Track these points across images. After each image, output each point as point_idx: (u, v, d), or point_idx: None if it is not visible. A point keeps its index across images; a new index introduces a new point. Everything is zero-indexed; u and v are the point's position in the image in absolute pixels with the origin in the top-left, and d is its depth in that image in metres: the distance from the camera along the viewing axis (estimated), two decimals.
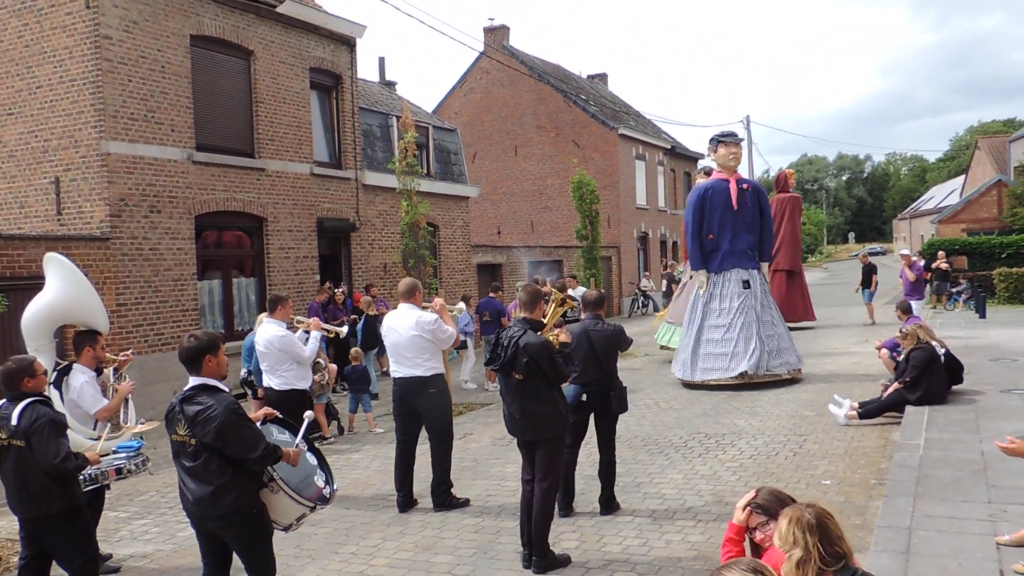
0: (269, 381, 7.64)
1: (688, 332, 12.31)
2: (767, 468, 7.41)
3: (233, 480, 3.99)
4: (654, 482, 7.22)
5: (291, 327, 7.80)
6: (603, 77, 39.11)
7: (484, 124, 32.03)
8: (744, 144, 15.13)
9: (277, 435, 4.70)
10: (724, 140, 12.56)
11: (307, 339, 7.75)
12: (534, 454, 5.39)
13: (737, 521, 3.38)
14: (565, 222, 28.30)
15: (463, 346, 13.95)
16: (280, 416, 4.80)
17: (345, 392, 12.45)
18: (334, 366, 11.38)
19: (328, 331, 8.49)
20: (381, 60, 22.30)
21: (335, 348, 14.18)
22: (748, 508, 3.35)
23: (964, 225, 34.94)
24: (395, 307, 7.36)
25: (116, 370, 6.37)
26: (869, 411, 8.86)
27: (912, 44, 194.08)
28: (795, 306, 18.31)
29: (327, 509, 6.95)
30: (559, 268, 25.94)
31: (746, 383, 11.53)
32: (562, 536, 5.92)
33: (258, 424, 4.53)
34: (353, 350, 11.62)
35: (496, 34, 32.13)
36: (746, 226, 12.25)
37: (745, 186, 12.43)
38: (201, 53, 13.10)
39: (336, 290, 14.74)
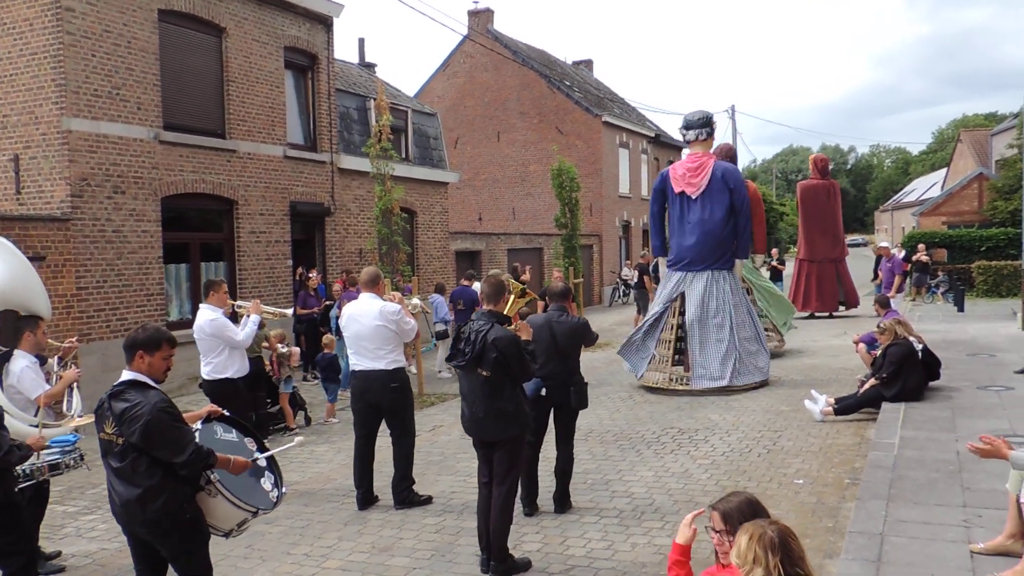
0: (202, 370, 7.42)
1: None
2: (739, 466, 7.23)
3: (163, 483, 3.72)
4: (623, 479, 7.03)
5: (232, 313, 7.55)
6: (588, 63, 38.76)
7: (467, 109, 31.64)
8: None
9: (222, 434, 4.43)
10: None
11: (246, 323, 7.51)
12: (492, 454, 5.15)
13: (684, 540, 3.14)
14: (547, 210, 28.02)
15: (443, 335, 13.70)
16: (226, 414, 4.53)
17: (317, 381, 12.20)
18: (297, 349, 11.11)
19: (271, 314, 8.21)
20: (361, 41, 21.88)
21: (307, 336, 13.89)
22: (694, 527, 3.12)
23: (945, 218, 35.02)
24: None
25: (60, 358, 6.08)
26: (845, 407, 8.71)
27: (904, 36, 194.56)
28: (812, 295, 18.41)
29: (283, 506, 6.73)
30: (539, 256, 25.71)
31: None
32: (524, 537, 5.71)
33: (199, 423, 4.26)
34: (325, 337, 11.35)
35: (480, 17, 31.70)
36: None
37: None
38: (170, 29, 12.67)
39: (309, 275, 14.44)
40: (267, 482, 4.44)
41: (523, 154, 30.79)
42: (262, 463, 4.45)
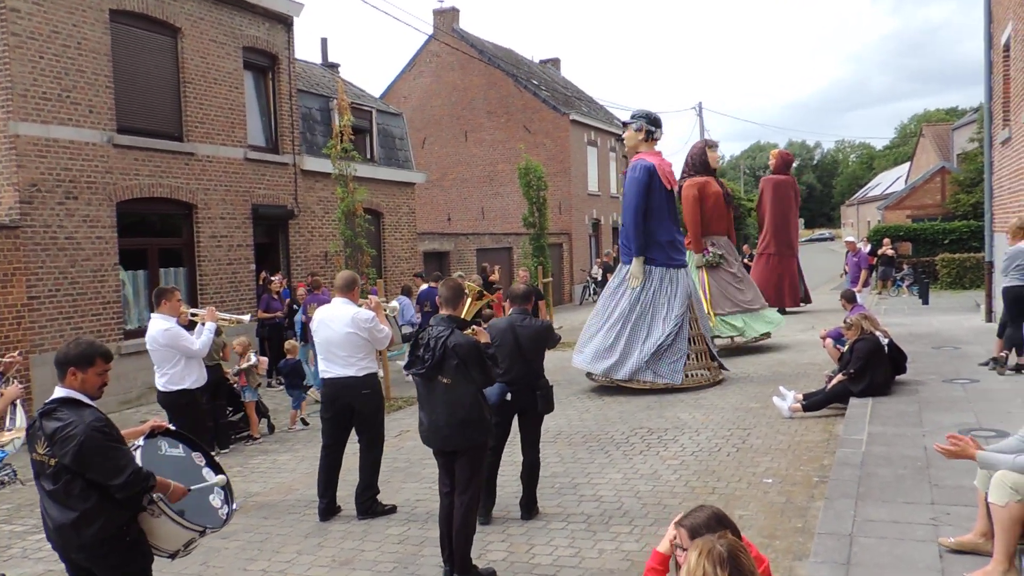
0: (157, 381, 7.15)
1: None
2: (708, 466, 7.15)
3: (99, 506, 3.50)
4: (592, 482, 6.91)
5: (188, 322, 7.30)
6: (555, 62, 38.69)
7: (434, 109, 31.42)
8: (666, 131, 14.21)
9: (167, 450, 4.22)
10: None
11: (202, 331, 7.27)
12: (453, 464, 4.99)
13: (665, 550, 3.03)
14: (516, 209, 27.90)
15: (409, 338, 13.52)
16: (172, 428, 4.32)
17: (281, 387, 11.95)
18: (264, 358, 10.86)
19: (228, 321, 7.96)
20: (323, 41, 21.57)
21: (270, 341, 13.63)
22: (672, 541, 3.00)
23: (909, 212, 35.53)
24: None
25: (2, 373, 5.82)
26: (813, 403, 8.68)
27: (868, 32, 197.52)
28: (782, 291, 18.33)
29: (241, 519, 6.55)
30: (509, 256, 25.59)
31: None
32: (489, 545, 5.56)
33: (141, 440, 4.05)
34: (288, 343, 11.11)
35: (446, 16, 31.49)
36: (623, 215, 11.55)
37: (623, 172, 11.86)
38: (122, 29, 12.33)
39: (272, 279, 14.17)
40: (216, 498, 4.24)
41: (491, 153, 30.65)
42: (210, 478, 4.25)
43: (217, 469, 4.32)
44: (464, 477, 4.94)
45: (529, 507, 6.06)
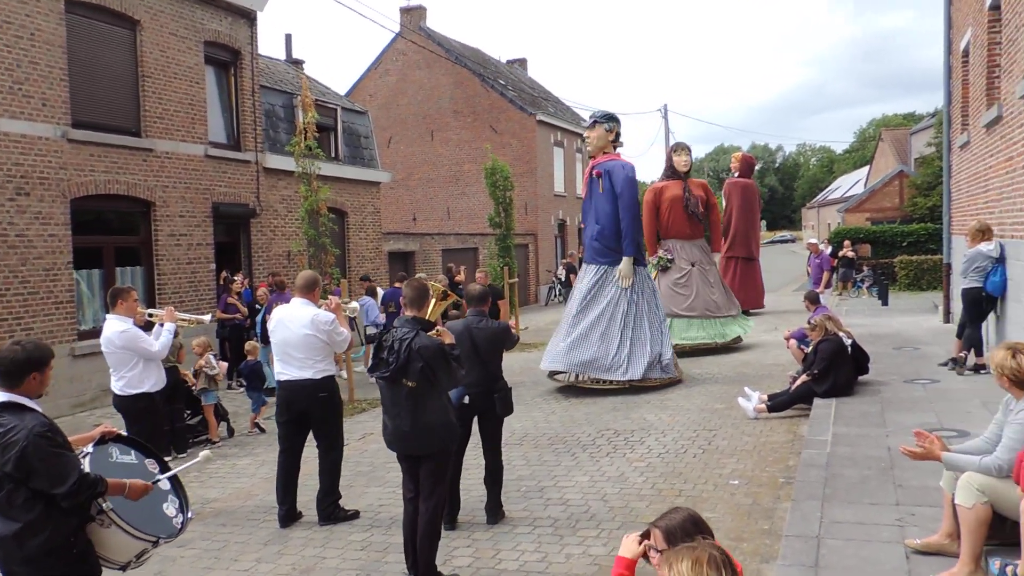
0: (113, 385, 6.91)
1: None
2: (675, 468, 7.12)
3: (44, 516, 3.33)
4: (558, 486, 6.84)
5: (145, 323, 7.08)
6: (522, 62, 38.68)
7: (400, 108, 31.19)
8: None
9: (118, 457, 4.05)
10: (585, 124, 11.90)
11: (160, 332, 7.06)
12: (417, 469, 4.88)
13: (631, 555, 2.95)
14: (482, 209, 27.80)
15: (373, 339, 13.34)
16: (123, 434, 4.15)
17: (242, 390, 11.70)
18: (224, 363, 10.61)
19: (187, 321, 7.74)
20: (287, 37, 21.25)
21: (231, 342, 13.36)
22: (645, 543, 2.93)
23: (868, 214, 36.18)
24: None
25: None
26: (778, 404, 8.72)
27: (828, 38, 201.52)
28: (747, 294, 18.34)
29: (199, 527, 6.36)
30: (474, 256, 25.47)
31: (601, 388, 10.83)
32: (455, 552, 5.46)
33: (90, 447, 3.87)
34: (248, 344, 10.88)
35: (413, 15, 31.28)
36: (596, 215, 11.25)
37: (596, 172, 11.29)
38: (78, 21, 11.99)
39: (233, 279, 13.89)
40: (171, 507, 4.08)
41: (457, 153, 30.51)
42: (164, 486, 4.09)
43: (172, 477, 4.16)
44: (429, 482, 4.83)
45: (494, 511, 5.96)
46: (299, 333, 6.19)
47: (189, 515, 4.14)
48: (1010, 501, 3.82)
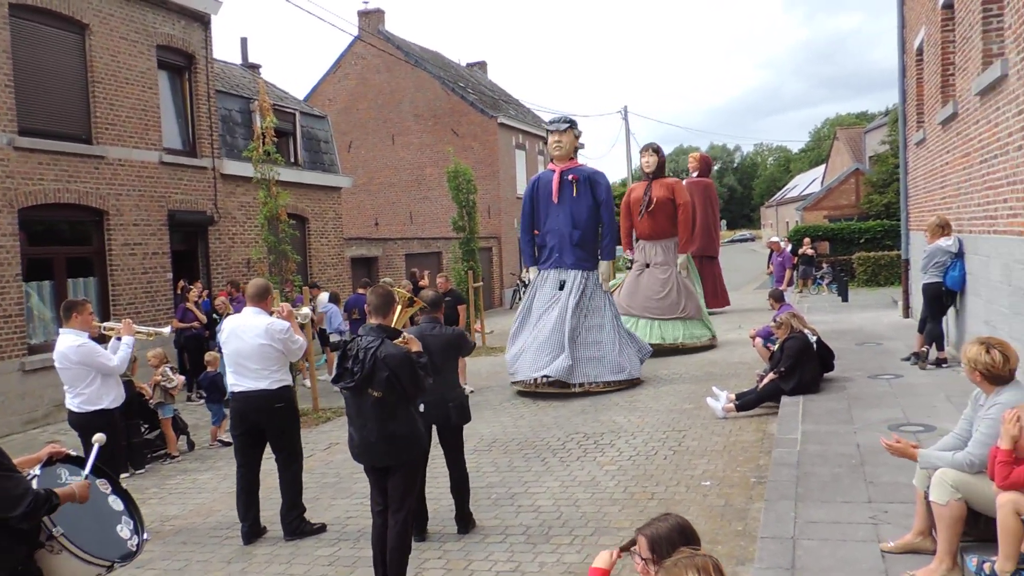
0: (69, 403, 6.63)
1: (511, 333, 11.48)
2: (646, 470, 7.06)
3: None
4: (529, 492, 6.74)
5: (100, 336, 6.81)
6: (482, 65, 38.59)
7: (360, 112, 30.88)
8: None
9: (68, 478, 3.85)
10: (550, 128, 11.63)
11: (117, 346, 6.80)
12: (385, 481, 4.73)
13: (605, 565, 2.86)
14: (444, 213, 27.63)
15: (337, 347, 13.11)
16: (72, 454, 3.95)
17: (202, 401, 11.41)
18: (182, 377, 10.32)
19: (146, 334, 7.47)
20: (243, 41, 20.89)
21: (190, 353, 13.02)
22: (619, 552, 2.85)
23: (826, 212, 36.75)
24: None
25: None
26: (746, 403, 8.73)
27: (783, 40, 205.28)
28: (708, 293, 18.34)
29: (158, 546, 6.13)
30: (438, 260, 25.28)
31: (568, 392, 10.74)
32: (426, 563, 5.33)
33: (37, 468, 3.68)
34: (208, 354, 10.60)
35: (371, 18, 31.01)
36: (572, 220, 11.24)
37: (571, 176, 11.29)
38: (23, 24, 11.60)
39: (190, 288, 13.54)
40: (125, 528, 3.90)
41: (419, 157, 30.30)
42: (117, 506, 3.90)
43: (125, 496, 3.98)
44: (398, 495, 4.69)
45: (464, 521, 5.83)
46: (253, 343, 6.01)
47: (144, 536, 3.96)
48: (984, 497, 3.81)
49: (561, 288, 11.24)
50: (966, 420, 4.25)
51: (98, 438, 4.10)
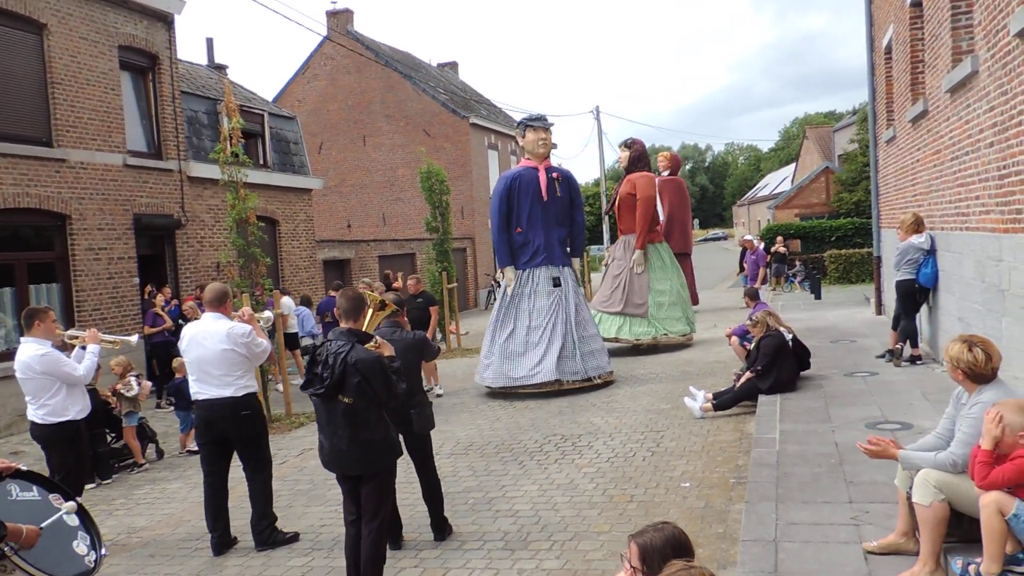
0: (32, 414, 6.37)
1: (494, 335, 11.21)
2: (625, 472, 6.98)
3: None
4: (507, 496, 6.62)
5: (63, 345, 6.57)
6: (453, 65, 38.42)
7: (330, 113, 30.57)
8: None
9: (19, 494, 3.68)
10: (532, 124, 11.45)
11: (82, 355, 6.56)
12: (358, 489, 4.59)
13: None
14: (418, 214, 27.43)
15: (306, 351, 12.91)
16: (22, 468, 3.76)
17: (171, 408, 11.14)
18: (148, 383, 10.06)
19: (112, 343, 7.23)
20: (209, 41, 20.52)
21: (159, 359, 12.74)
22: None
23: (797, 210, 37.05)
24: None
25: None
26: (723, 402, 8.69)
27: (753, 39, 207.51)
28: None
29: (124, 560, 5.93)
30: (412, 262, 25.08)
31: (560, 389, 10.71)
32: (401, 572, 5.19)
33: None
34: (176, 360, 10.34)
35: (340, 18, 30.71)
36: (557, 218, 11.31)
37: (555, 175, 11.38)
38: None
39: (157, 293, 13.25)
40: (82, 544, 3.73)
41: (390, 158, 30.06)
42: (72, 522, 3.73)
43: (80, 511, 3.81)
44: (371, 504, 4.55)
45: (440, 528, 5.70)
46: (215, 349, 5.83)
47: (103, 551, 3.79)
48: (967, 498, 3.76)
49: (557, 285, 11.20)
50: (948, 419, 4.21)
51: (68, 506, 3.78)
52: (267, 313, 8.22)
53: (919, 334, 9.82)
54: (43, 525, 3.50)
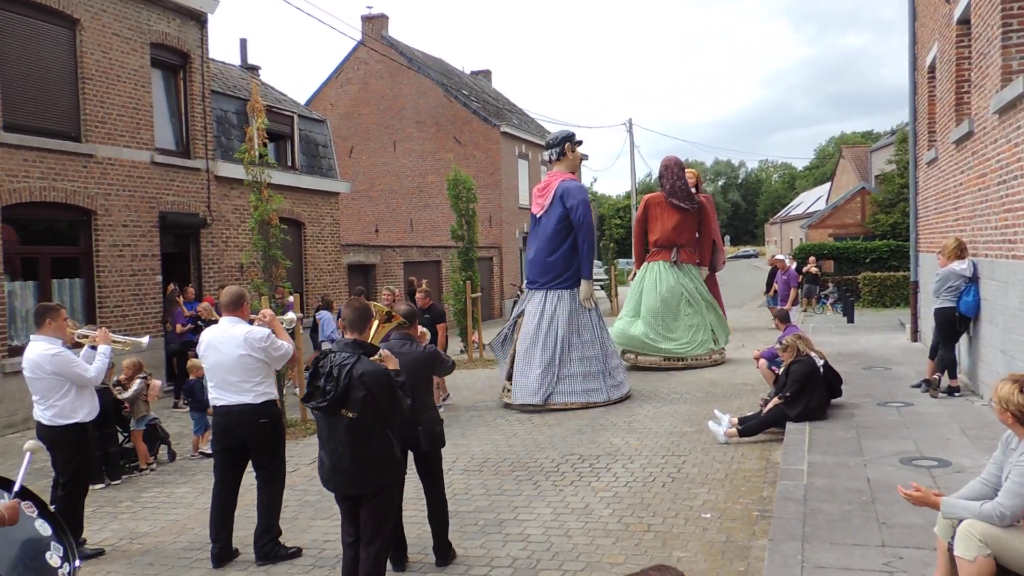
0: (39, 415, 6.20)
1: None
2: (643, 498, 6.68)
3: None
4: (519, 519, 6.36)
5: (75, 343, 6.42)
6: (487, 73, 38.36)
7: (362, 117, 30.61)
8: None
9: None
10: (575, 142, 11.59)
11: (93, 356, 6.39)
12: (357, 510, 4.36)
13: None
14: (445, 221, 27.28)
15: None
16: None
17: (188, 409, 11.03)
18: (158, 382, 9.94)
19: (122, 344, 7.06)
20: (243, 42, 20.62)
21: (178, 358, 12.66)
22: None
23: (831, 230, 36.37)
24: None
25: None
26: (749, 428, 8.35)
27: (791, 57, 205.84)
28: None
29: (122, 567, 5.76)
30: (437, 269, 24.94)
31: (554, 408, 10.63)
32: None
33: None
34: (190, 361, 10.23)
35: (375, 23, 30.78)
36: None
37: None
38: (11, 18, 11.30)
39: (179, 292, 13.20)
40: (54, 556, 3.54)
41: (420, 164, 30.00)
42: (45, 531, 3.55)
43: (53, 520, 3.63)
44: (371, 526, 4.31)
45: (443, 552, 5.43)
46: (232, 354, 5.65)
47: (77, 563, 3.61)
48: (1016, 553, 3.44)
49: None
50: (995, 464, 3.88)
51: (30, 446, 3.71)
52: (289, 315, 8.04)
53: (958, 365, 9.39)
54: (15, 491, 3.34)
